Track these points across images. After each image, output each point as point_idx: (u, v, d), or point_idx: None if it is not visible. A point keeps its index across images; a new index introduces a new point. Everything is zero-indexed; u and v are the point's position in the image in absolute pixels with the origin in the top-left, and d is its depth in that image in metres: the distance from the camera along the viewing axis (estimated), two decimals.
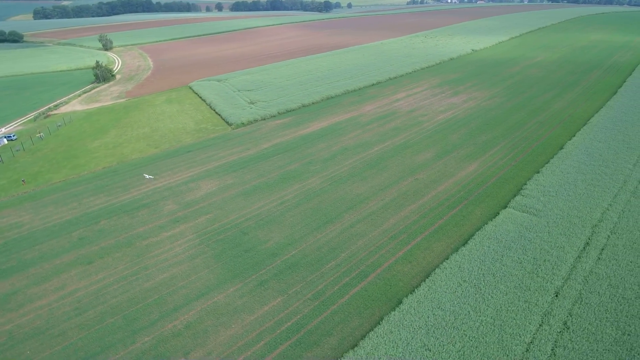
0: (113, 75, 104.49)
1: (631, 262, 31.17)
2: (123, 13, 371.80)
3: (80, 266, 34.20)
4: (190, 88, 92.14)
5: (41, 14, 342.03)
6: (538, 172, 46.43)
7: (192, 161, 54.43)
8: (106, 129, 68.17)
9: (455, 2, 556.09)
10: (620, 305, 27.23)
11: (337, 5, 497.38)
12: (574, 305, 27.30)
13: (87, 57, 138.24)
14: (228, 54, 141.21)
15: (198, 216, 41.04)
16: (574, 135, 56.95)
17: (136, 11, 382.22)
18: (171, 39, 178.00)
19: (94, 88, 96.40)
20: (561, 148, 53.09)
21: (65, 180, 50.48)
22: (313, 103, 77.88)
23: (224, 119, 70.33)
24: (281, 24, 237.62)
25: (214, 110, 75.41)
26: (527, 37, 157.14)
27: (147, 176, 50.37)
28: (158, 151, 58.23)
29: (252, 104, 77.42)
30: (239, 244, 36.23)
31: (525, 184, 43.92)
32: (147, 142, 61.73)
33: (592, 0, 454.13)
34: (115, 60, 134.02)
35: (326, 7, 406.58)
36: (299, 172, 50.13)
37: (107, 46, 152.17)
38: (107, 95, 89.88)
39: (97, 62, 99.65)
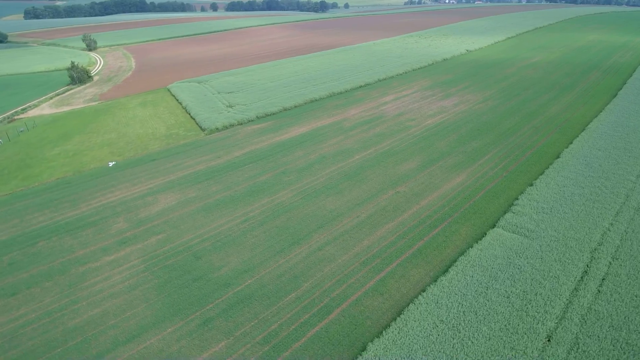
0: (90, 77, 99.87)
1: (636, 297, 26.78)
2: (116, 13, 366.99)
3: (2, 299, 29.64)
4: (168, 90, 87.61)
5: (32, 13, 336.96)
6: (531, 185, 42.03)
7: (155, 171, 49.89)
8: (70, 135, 63.58)
9: (452, 2, 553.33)
10: (624, 354, 22.82)
11: (335, 6, 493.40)
12: (569, 354, 22.88)
13: (69, 57, 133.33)
14: (215, 54, 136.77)
15: (149, 236, 36.51)
16: (571, 143, 52.60)
17: (129, 11, 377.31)
18: (159, 39, 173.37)
19: (68, 90, 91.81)
20: (557, 157, 48.72)
21: (13, 194, 45.90)
22: (295, 106, 73.44)
23: (197, 124, 65.83)
24: (273, 23, 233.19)
25: (189, 114, 70.90)
26: (524, 37, 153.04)
27: (110, 164, 48.21)
28: (120, 159, 53.66)
29: (231, 107, 72.92)
30: (188, 271, 31.72)
31: (517, 199, 39.52)
32: (111, 150, 57.15)
33: (591, 0, 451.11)
34: (96, 61, 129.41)
35: (322, 7, 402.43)
36: (270, 183, 45.65)
37: (91, 46, 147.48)
38: (80, 98, 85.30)
39: (73, 62, 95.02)
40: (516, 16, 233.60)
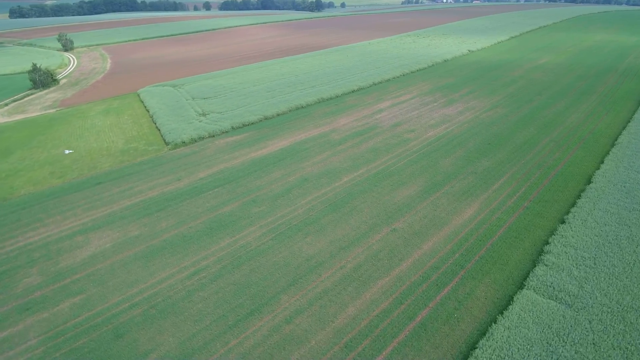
0: (55, 80, 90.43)
1: None
2: (105, 12, 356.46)
3: None
4: (138, 95, 78.38)
5: (17, 13, 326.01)
6: (563, 222, 33.28)
7: (97, 199, 40.75)
8: (11, 150, 54.31)
9: (450, 2, 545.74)
10: None
11: (331, 5, 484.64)
12: None
13: (42, 58, 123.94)
14: (198, 54, 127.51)
15: (63, 299, 27.44)
16: (602, 162, 43.95)
17: (119, 10, 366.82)
18: (142, 39, 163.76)
19: (28, 95, 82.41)
20: (589, 182, 39.99)
21: None
22: (278, 114, 64.43)
23: (162, 136, 56.71)
24: (265, 22, 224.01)
25: (155, 124, 61.75)
26: (527, 36, 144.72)
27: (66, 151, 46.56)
28: (60, 182, 44.51)
29: (204, 115, 63.82)
30: None
31: (548, 243, 30.76)
32: (53, 169, 47.95)
33: (590, 0, 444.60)
34: (70, 62, 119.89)
35: (318, 7, 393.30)
36: (235, 216, 36.67)
37: (67, 46, 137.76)
38: (38, 105, 75.94)
39: (35, 65, 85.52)
40: (516, 15, 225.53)
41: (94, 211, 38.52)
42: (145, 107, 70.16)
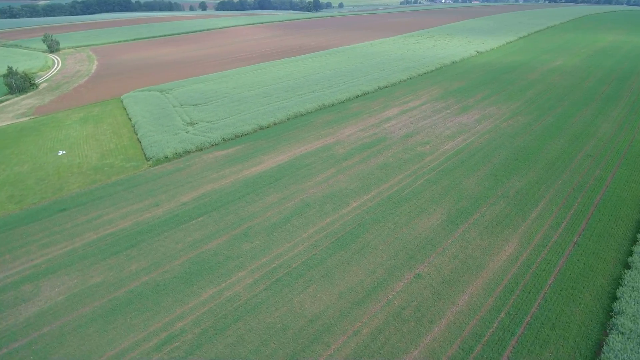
0: (33, 85, 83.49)
1: None
2: (99, 12, 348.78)
3: None
4: (121, 101, 71.60)
5: (8, 13, 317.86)
6: (629, 267, 26.84)
7: (58, 231, 34.02)
8: None
9: (449, 2, 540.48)
10: None
11: (329, 5, 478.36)
12: None
13: (25, 60, 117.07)
14: (191, 55, 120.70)
15: None
16: None
17: (113, 10, 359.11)
18: (133, 40, 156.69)
19: (1, 102, 75.39)
20: None
21: None
22: (275, 123, 57.83)
23: (143, 150, 49.99)
24: (262, 22, 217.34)
25: (137, 134, 55.04)
26: (536, 37, 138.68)
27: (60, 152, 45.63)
28: (18, 209, 37.72)
29: (192, 125, 57.15)
30: None
31: (616, 297, 24.30)
32: (12, 192, 41.15)
33: (591, 0, 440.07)
34: (54, 64, 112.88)
35: (316, 7, 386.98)
36: (221, 256, 30.06)
37: (52, 47, 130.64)
38: (11, 112, 69.05)
39: (10, 68, 78.52)
40: (521, 15, 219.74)
41: (51, 248, 31.78)
42: (128, 115, 63.41)
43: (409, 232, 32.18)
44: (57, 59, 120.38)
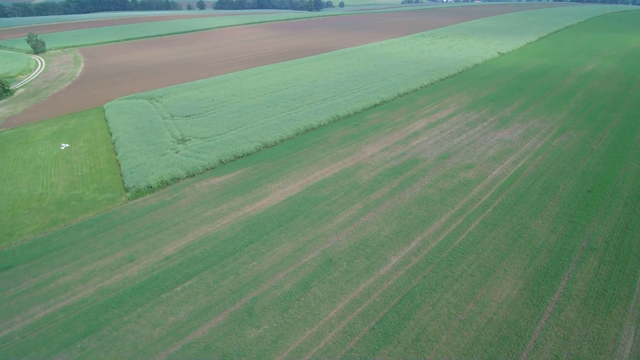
0: (8, 91, 74.07)
1: None
2: (93, 12, 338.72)
3: None
4: (103, 111, 62.29)
5: None
6: None
7: None
8: None
9: (450, 2, 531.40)
10: None
11: (329, 5, 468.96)
12: None
13: (7, 62, 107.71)
14: (186, 57, 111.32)
15: None
16: None
17: (108, 9, 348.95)
18: (125, 40, 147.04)
19: None
20: None
21: None
22: (282, 140, 48.65)
23: (122, 176, 40.73)
24: (262, 22, 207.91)
25: (117, 154, 45.78)
26: (557, 37, 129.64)
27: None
28: None
29: (183, 142, 47.92)
30: None
31: None
32: None
33: (597, 0, 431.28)
34: (36, 67, 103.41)
35: (317, 6, 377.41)
36: (216, 352, 20.89)
37: (37, 48, 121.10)
38: None
39: None
40: (534, 14, 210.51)
41: None
42: (109, 128, 54.15)
43: (478, 310, 23.05)
44: (41, 61, 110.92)
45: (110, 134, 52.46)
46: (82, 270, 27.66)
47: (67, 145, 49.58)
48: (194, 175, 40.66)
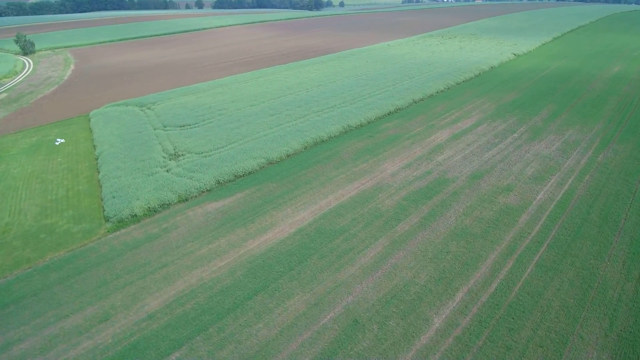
0: None
1: None
2: (89, 11, 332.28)
3: None
4: (89, 120, 56.40)
5: None
6: None
7: None
8: None
9: (451, 1, 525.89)
10: None
11: (329, 4, 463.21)
12: None
13: None
14: (182, 59, 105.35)
15: None
16: None
17: (105, 9, 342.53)
18: (118, 40, 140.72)
19: None
20: None
21: None
22: (288, 155, 42.84)
23: (102, 200, 34.87)
24: (262, 21, 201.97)
25: (99, 172, 39.90)
26: (572, 38, 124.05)
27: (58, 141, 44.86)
28: None
29: (175, 158, 42.08)
30: None
31: None
32: None
33: (600, 0, 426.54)
34: (23, 68, 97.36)
35: (317, 5, 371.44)
36: None
37: (26, 49, 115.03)
38: None
39: None
40: (541, 14, 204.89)
41: None
42: (93, 141, 48.26)
43: None
44: (29, 63, 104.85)
45: (94, 147, 46.56)
46: (44, 334, 21.84)
47: (62, 140, 48.60)
48: (187, 200, 34.81)
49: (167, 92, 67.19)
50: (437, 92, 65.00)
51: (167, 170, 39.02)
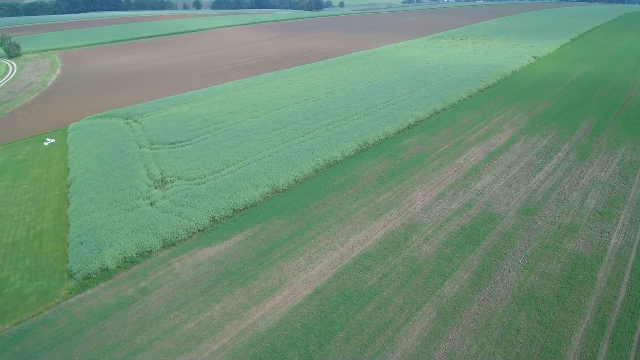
0: None
1: None
2: (85, 11, 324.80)
3: None
4: (66, 135, 49.47)
5: None
6: None
7: None
8: None
9: (452, 2, 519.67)
10: None
11: (329, 5, 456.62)
12: None
13: None
14: (176, 62, 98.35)
15: None
16: None
17: (101, 9, 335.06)
18: (110, 42, 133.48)
19: None
20: None
21: None
22: (297, 181, 36.01)
23: (68, 246, 27.93)
24: (262, 22, 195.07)
25: (69, 204, 33.00)
26: (591, 39, 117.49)
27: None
28: None
29: (162, 186, 35.20)
30: None
31: None
32: None
33: (603, 0, 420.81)
34: (5, 73, 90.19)
35: (317, 6, 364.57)
36: None
37: (11, 52, 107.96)
38: None
39: None
40: (551, 14, 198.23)
41: None
42: (68, 162, 41.31)
43: None
44: (12, 67, 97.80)
45: (68, 169, 39.64)
46: None
47: (52, 140, 46.50)
48: (173, 245, 27.92)
49: (157, 101, 60.20)
50: (460, 101, 58.26)
51: (151, 204, 32.13)
